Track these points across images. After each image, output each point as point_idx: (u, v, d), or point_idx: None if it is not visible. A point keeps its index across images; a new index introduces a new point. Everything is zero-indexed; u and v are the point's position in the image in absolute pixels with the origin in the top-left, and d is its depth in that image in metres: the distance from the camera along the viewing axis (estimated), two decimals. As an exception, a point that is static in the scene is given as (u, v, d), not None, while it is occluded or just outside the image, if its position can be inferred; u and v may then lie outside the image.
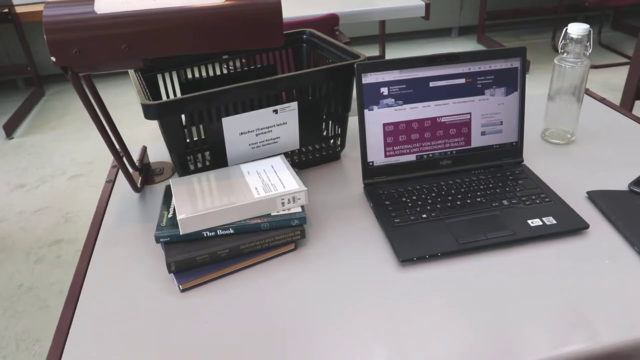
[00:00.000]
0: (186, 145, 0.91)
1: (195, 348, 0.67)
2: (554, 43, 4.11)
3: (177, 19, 0.66)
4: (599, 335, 0.67)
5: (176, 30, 0.67)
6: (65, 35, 0.64)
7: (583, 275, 0.77)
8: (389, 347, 0.66)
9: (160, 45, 0.67)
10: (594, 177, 1.00)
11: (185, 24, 0.67)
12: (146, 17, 0.65)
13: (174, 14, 0.66)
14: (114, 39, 0.65)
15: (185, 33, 0.67)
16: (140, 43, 0.67)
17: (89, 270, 0.81)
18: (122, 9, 0.65)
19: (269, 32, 0.70)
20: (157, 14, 0.65)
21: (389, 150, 0.96)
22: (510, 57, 0.96)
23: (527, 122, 1.17)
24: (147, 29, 0.66)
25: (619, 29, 4.41)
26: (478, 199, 0.92)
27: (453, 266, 0.79)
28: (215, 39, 0.69)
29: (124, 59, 0.67)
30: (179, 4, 0.66)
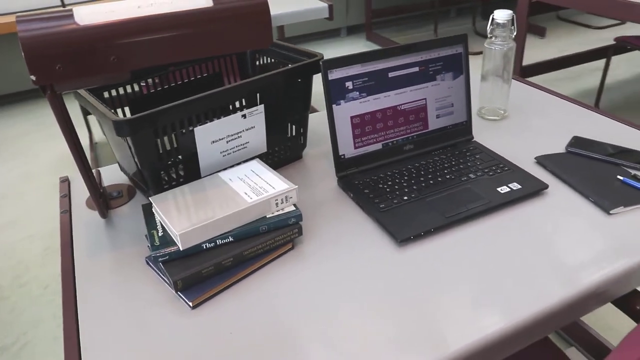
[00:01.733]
0: (160, 160, 0.87)
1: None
2: (436, 35, 4.40)
3: (167, 26, 0.63)
4: (585, 275, 0.75)
5: (166, 38, 0.64)
6: (46, 51, 0.59)
7: (555, 228, 0.86)
8: (407, 327, 0.69)
9: (150, 54, 0.65)
10: (532, 145, 1.10)
11: (175, 31, 0.64)
12: (135, 26, 0.62)
13: (163, 21, 0.63)
14: (102, 51, 0.61)
15: (176, 40, 0.65)
16: (130, 53, 0.63)
17: (79, 311, 0.74)
18: (107, 19, 0.61)
19: (258, 32, 0.69)
20: (145, 21, 0.62)
21: (357, 141, 0.99)
22: (454, 44, 1.04)
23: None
24: (137, 38, 0.62)
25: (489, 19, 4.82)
26: (447, 176, 0.98)
27: (444, 239, 0.84)
28: (205, 43, 0.67)
29: (112, 72, 0.63)
30: (165, 10, 0.63)
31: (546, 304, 0.72)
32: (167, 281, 0.77)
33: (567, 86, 3.27)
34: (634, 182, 0.95)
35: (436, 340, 0.67)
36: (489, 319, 0.69)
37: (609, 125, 1.18)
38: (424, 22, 4.80)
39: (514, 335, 0.69)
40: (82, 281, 0.80)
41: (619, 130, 1.15)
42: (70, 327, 0.71)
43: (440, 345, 0.66)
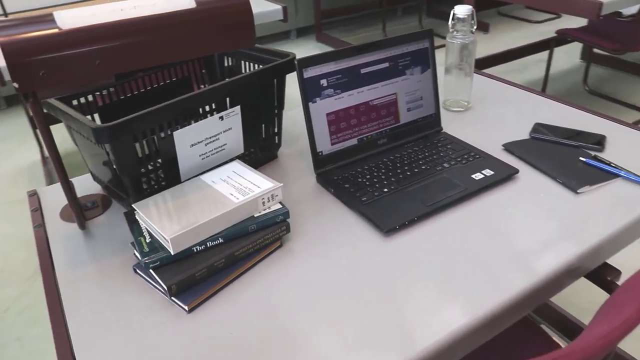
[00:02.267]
0: (139, 166, 0.86)
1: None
2: (385, 34, 4.49)
3: (152, 28, 0.63)
4: (567, 249, 0.80)
5: (151, 40, 0.63)
6: (30, 57, 0.57)
7: (529, 209, 0.90)
8: (400, 315, 0.71)
9: (135, 57, 0.64)
10: (498, 134, 1.15)
11: (159, 33, 0.64)
12: (119, 29, 0.61)
13: (147, 23, 0.62)
14: (87, 55, 0.60)
15: (160, 42, 0.64)
16: (115, 57, 0.62)
17: (70, 328, 0.72)
18: (90, 22, 0.60)
19: (241, 32, 0.70)
20: (130, 24, 0.61)
21: (334, 138, 1.01)
22: (421, 39, 1.07)
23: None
24: (122, 42, 0.61)
25: (434, 16, 4.96)
26: (423, 167, 1.01)
27: (428, 227, 0.87)
28: (190, 44, 0.67)
29: (97, 76, 0.62)
30: (148, 12, 0.63)
31: (531, 281, 0.75)
32: (159, 288, 0.76)
33: (515, 78, 3.40)
34: (595, 163, 1.01)
35: (430, 325, 0.69)
36: (480, 300, 0.72)
37: (565, 111, 1.24)
38: (372, 21, 4.88)
39: (506, 310, 0.72)
40: (69, 297, 0.77)
41: (575, 115, 1.21)
42: (63, 346, 0.69)
43: (435, 328, 0.68)
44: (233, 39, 0.70)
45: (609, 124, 1.17)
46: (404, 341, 0.66)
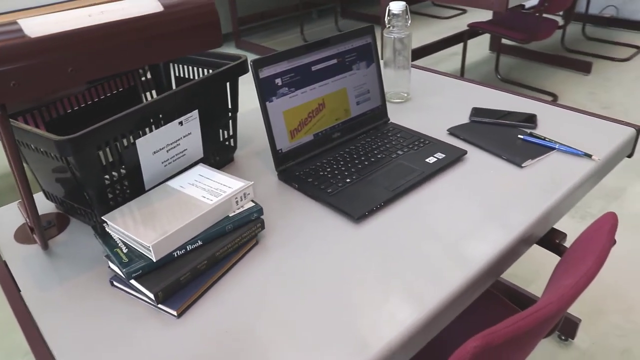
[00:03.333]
0: (104, 177, 0.84)
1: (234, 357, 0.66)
2: (303, 36, 4.55)
3: (122, 33, 0.62)
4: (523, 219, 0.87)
5: (122, 45, 0.62)
6: (0, 68, 0.55)
7: (481, 186, 0.97)
8: (385, 295, 0.75)
9: (107, 62, 0.62)
10: (440, 120, 1.23)
11: (130, 37, 0.63)
12: (90, 35, 0.59)
13: (118, 28, 0.61)
14: (59, 63, 0.58)
15: (131, 46, 0.64)
16: (87, 63, 0.60)
17: (54, 353, 0.69)
18: (59, 29, 0.58)
19: (208, 33, 0.70)
20: (100, 29, 0.60)
21: (291, 135, 1.03)
22: (364, 34, 1.12)
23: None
24: (93, 47, 0.60)
25: (349, 17, 5.09)
26: (379, 156, 1.05)
27: (394, 211, 0.92)
28: (160, 48, 0.66)
29: (69, 84, 0.60)
30: (117, 17, 0.62)
31: (493, 254, 0.81)
32: (142, 297, 0.75)
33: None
34: (532, 139, 1.10)
35: (413, 302, 0.73)
36: (449, 278, 0.77)
37: (496, 95, 1.34)
38: (289, 25, 4.93)
39: (473, 283, 0.78)
40: (46, 322, 0.74)
41: (505, 98, 1.31)
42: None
43: (417, 306, 0.73)
44: (201, 40, 0.71)
45: (536, 104, 1.28)
46: (387, 322, 0.70)
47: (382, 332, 0.68)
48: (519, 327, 0.61)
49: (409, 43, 1.29)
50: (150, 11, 0.65)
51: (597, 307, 1.67)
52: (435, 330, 0.74)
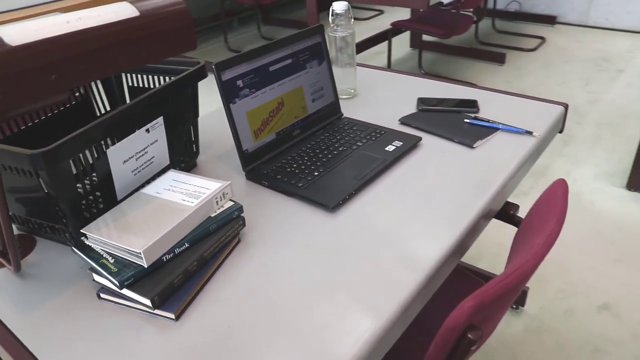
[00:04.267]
0: (77, 190, 0.82)
1: (240, 352, 0.67)
2: (228, 45, 4.53)
3: (102, 37, 0.61)
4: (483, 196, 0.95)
5: (103, 50, 0.62)
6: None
7: (440, 167, 1.04)
8: (362, 279, 0.80)
9: (90, 68, 0.62)
10: (389, 112, 1.29)
11: (111, 42, 0.63)
12: (72, 41, 0.59)
13: (99, 33, 0.61)
14: (43, 70, 0.57)
15: (113, 51, 0.63)
16: (71, 70, 0.59)
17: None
18: (40, 37, 0.57)
19: (184, 35, 0.71)
20: (81, 35, 0.59)
21: (255, 135, 1.05)
22: (314, 34, 1.16)
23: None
24: (75, 53, 0.59)
25: (271, 23, 5.13)
26: (340, 149, 1.10)
27: (364, 198, 0.96)
28: (139, 52, 0.66)
29: (52, 93, 0.59)
30: (94, 23, 0.61)
31: (459, 232, 0.87)
32: (136, 305, 0.74)
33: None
34: (478, 122, 1.19)
35: (390, 288, 0.78)
36: (423, 259, 0.83)
37: (436, 85, 1.42)
38: (212, 34, 4.89)
39: (444, 261, 0.83)
40: (36, 346, 0.71)
41: (446, 88, 1.40)
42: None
43: (395, 291, 0.77)
44: (177, 43, 0.71)
45: (474, 90, 1.37)
46: (373, 303, 0.74)
47: (367, 315, 0.72)
48: (505, 284, 0.67)
49: (353, 41, 1.35)
50: (127, 16, 0.65)
51: (540, 275, 1.81)
52: (418, 309, 0.79)
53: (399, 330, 0.75)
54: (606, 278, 1.78)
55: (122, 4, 0.64)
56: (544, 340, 1.57)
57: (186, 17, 0.71)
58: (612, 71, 3.45)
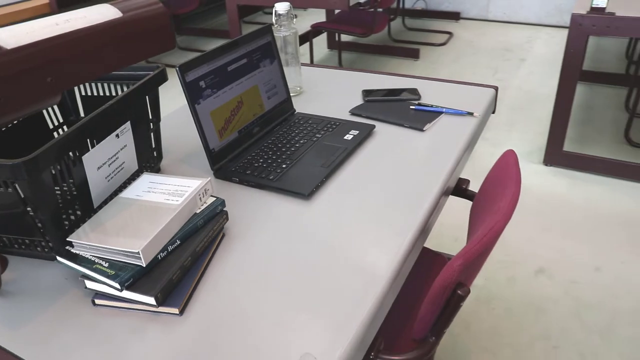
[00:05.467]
0: (57, 200, 0.81)
1: (247, 335, 0.70)
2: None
3: (90, 38, 0.61)
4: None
5: (94, 50, 0.62)
6: None
7: (396, 152, 1.12)
8: (344, 260, 0.85)
9: (83, 69, 0.61)
10: (337, 106, 1.35)
11: (100, 42, 0.63)
12: (62, 42, 0.58)
13: (86, 33, 0.61)
14: (39, 72, 0.56)
15: (102, 51, 0.63)
16: (64, 72, 0.59)
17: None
18: (33, 39, 0.56)
19: (163, 35, 0.72)
20: (70, 36, 0.59)
21: (220, 134, 1.08)
22: (264, 34, 1.20)
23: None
24: (67, 54, 0.59)
25: (185, 33, 5.06)
26: (301, 141, 1.14)
27: (334, 183, 1.02)
28: (125, 52, 0.67)
29: (49, 95, 0.59)
30: (81, 24, 0.61)
31: (425, 209, 0.95)
32: (135, 306, 0.75)
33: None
34: (422, 107, 1.28)
35: (371, 266, 0.84)
36: (395, 242, 0.90)
37: (375, 77, 1.51)
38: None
39: (415, 240, 0.91)
40: (34, 355, 0.70)
41: (385, 79, 1.49)
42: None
43: (376, 271, 0.83)
44: (158, 43, 0.73)
45: (412, 80, 1.47)
46: (355, 287, 0.80)
47: (350, 299, 0.77)
48: (485, 242, 0.75)
49: (296, 40, 1.40)
50: (110, 17, 0.66)
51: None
52: (397, 288, 0.83)
53: (384, 311, 0.79)
54: (538, 246, 1.96)
55: (105, 6, 0.65)
56: (493, 308, 1.70)
57: (164, 18, 0.73)
58: (515, 60, 3.75)
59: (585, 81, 3.27)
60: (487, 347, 1.56)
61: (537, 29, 4.39)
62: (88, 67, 0.65)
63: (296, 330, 0.70)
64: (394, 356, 0.80)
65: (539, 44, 4.06)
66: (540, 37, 4.21)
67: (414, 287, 1.14)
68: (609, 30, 2.12)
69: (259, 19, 5.26)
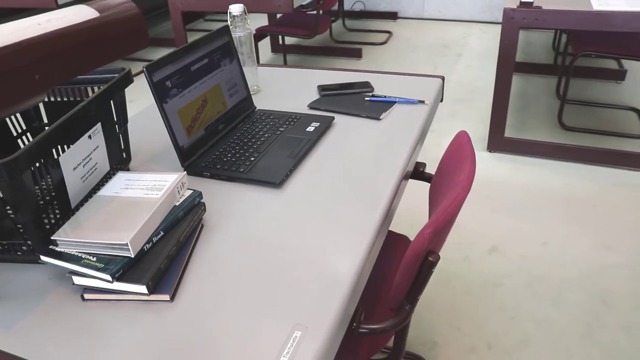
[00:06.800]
0: (38, 201, 0.82)
1: (238, 316, 0.74)
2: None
3: (72, 36, 0.64)
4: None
5: (74, 48, 0.64)
6: None
7: (356, 140, 1.18)
8: (323, 245, 0.91)
9: (67, 67, 0.63)
10: (295, 102, 1.41)
11: (80, 40, 0.65)
12: (46, 40, 0.60)
13: (67, 32, 0.63)
14: (27, 70, 0.58)
15: (83, 49, 0.66)
16: (51, 69, 0.61)
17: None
18: (18, 39, 0.58)
19: (138, 35, 0.75)
20: (53, 35, 0.61)
21: (187, 131, 1.11)
22: (222, 35, 1.24)
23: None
24: (52, 52, 0.61)
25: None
26: (266, 135, 1.19)
27: (302, 172, 1.07)
28: (103, 50, 0.69)
29: (36, 92, 0.61)
30: (62, 24, 0.63)
31: (390, 189, 1.02)
32: (125, 297, 0.77)
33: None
34: (376, 98, 1.36)
35: (346, 245, 0.90)
36: (362, 225, 0.96)
37: (327, 74, 1.57)
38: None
39: (382, 224, 0.98)
40: (34, 354, 0.71)
41: (336, 75, 1.55)
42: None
43: (351, 251, 0.90)
44: (132, 42, 0.75)
45: (361, 74, 1.54)
46: (332, 270, 0.86)
47: (329, 280, 0.83)
48: (450, 212, 0.82)
49: (251, 40, 1.44)
50: (88, 17, 0.68)
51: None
52: (370, 266, 0.88)
53: (362, 284, 0.84)
54: (489, 226, 2.08)
55: (81, 7, 0.67)
56: (453, 287, 1.80)
57: (139, 19, 0.76)
58: (452, 55, 3.93)
59: (519, 72, 3.48)
60: (451, 322, 1.65)
61: (471, 26, 4.61)
62: (71, 64, 0.67)
63: (284, 305, 0.75)
64: (374, 324, 0.85)
65: (473, 39, 4.27)
66: (474, 33, 4.43)
67: (382, 265, 1.21)
68: (537, 23, 2.29)
69: (200, 26, 5.24)
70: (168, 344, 0.71)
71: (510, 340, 1.57)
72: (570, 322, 1.62)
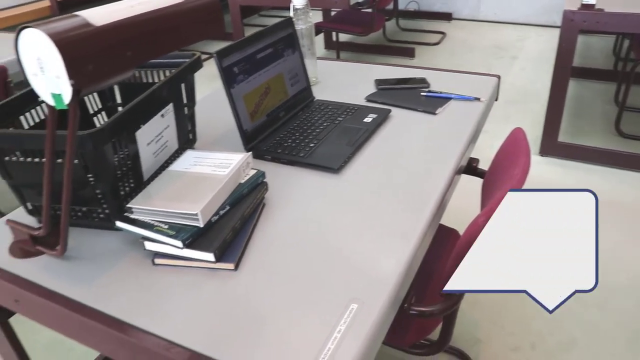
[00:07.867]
0: (116, 171, 0.89)
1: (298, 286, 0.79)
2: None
3: (159, 19, 0.70)
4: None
5: (162, 30, 0.71)
6: (82, 53, 0.60)
7: (413, 133, 1.21)
8: (380, 229, 0.94)
9: (154, 46, 0.70)
10: (353, 94, 1.44)
11: (167, 24, 0.71)
12: (140, 21, 0.67)
13: (155, 15, 0.70)
14: (122, 47, 0.65)
15: (168, 31, 0.72)
16: (141, 47, 0.68)
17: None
18: (115, 18, 0.65)
19: (215, 20, 0.81)
20: (144, 17, 0.68)
21: (251, 116, 1.16)
22: (286, 27, 1.29)
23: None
24: (142, 32, 0.68)
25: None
26: (325, 124, 1.23)
27: (361, 159, 1.11)
28: (185, 32, 0.76)
29: (128, 67, 0.67)
30: (152, 7, 0.70)
31: (442, 187, 1.03)
32: (193, 264, 0.83)
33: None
34: (432, 94, 1.38)
35: (402, 230, 0.93)
36: (423, 199, 0.99)
37: (384, 69, 1.60)
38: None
39: (435, 216, 1.00)
40: (111, 309, 0.78)
41: (393, 70, 1.58)
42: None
43: (404, 241, 0.93)
44: (209, 27, 0.81)
45: (418, 70, 1.56)
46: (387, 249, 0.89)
47: (388, 257, 0.86)
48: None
49: (312, 33, 1.49)
50: (172, 2, 0.75)
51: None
52: (422, 254, 0.91)
53: (414, 268, 0.87)
54: (536, 228, 2.05)
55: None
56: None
57: (217, 5, 0.82)
58: (507, 58, 3.87)
59: (576, 77, 3.40)
60: (495, 320, 1.65)
61: (527, 29, 4.52)
62: (158, 44, 0.73)
63: (341, 280, 0.79)
64: (424, 307, 0.88)
65: (529, 42, 4.19)
66: (530, 36, 4.35)
67: (432, 257, 1.23)
68: (598, 26, 2.24)
69: (254, 21, 5.35)
70: (230, 308, 0.76)
71: (554, 341, 1.56)
72: (617, 328, 1.59)
